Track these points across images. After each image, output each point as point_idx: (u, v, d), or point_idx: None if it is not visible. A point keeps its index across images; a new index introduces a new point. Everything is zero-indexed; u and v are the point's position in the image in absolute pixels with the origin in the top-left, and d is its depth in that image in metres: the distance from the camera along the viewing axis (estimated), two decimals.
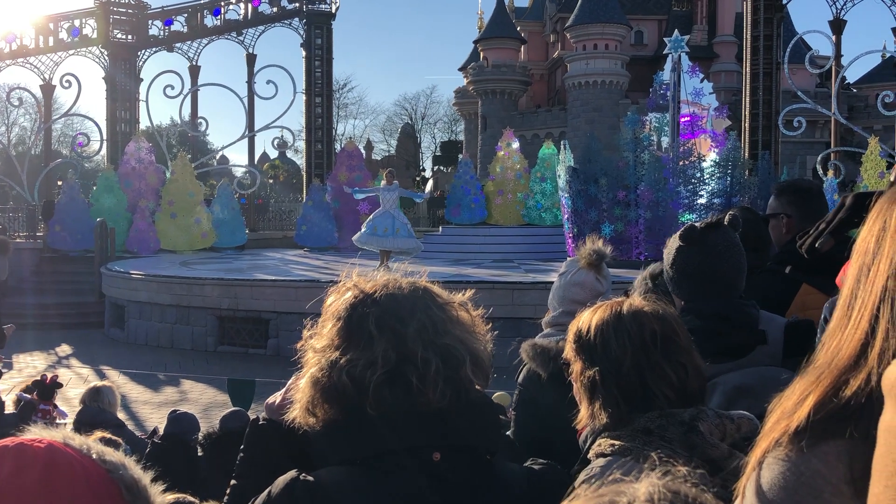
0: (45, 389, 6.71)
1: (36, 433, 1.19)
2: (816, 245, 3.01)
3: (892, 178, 1.57)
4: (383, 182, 18.03)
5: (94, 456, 1.18)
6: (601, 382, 1.95)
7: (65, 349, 17.71)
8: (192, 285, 17.50)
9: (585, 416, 2.00)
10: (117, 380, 13.41)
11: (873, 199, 1.07)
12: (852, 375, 0.93)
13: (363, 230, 17.52)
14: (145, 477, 1.23)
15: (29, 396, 6.56)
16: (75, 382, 13.82)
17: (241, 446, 2.06)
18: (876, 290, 0.94)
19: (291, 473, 1.62)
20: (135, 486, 1.18)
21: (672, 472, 0.98)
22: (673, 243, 2.79)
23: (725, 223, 2.72)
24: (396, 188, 17.73)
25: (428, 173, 77.48)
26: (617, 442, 1.90)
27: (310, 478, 1.60)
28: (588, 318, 2.03)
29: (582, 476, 1.88)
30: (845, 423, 0.92)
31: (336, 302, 1.74)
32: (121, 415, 7.66)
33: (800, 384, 1.00)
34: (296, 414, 1.70)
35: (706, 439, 1.84)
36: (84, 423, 6.19)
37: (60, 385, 7.09)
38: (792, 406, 0.98)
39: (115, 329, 19.11)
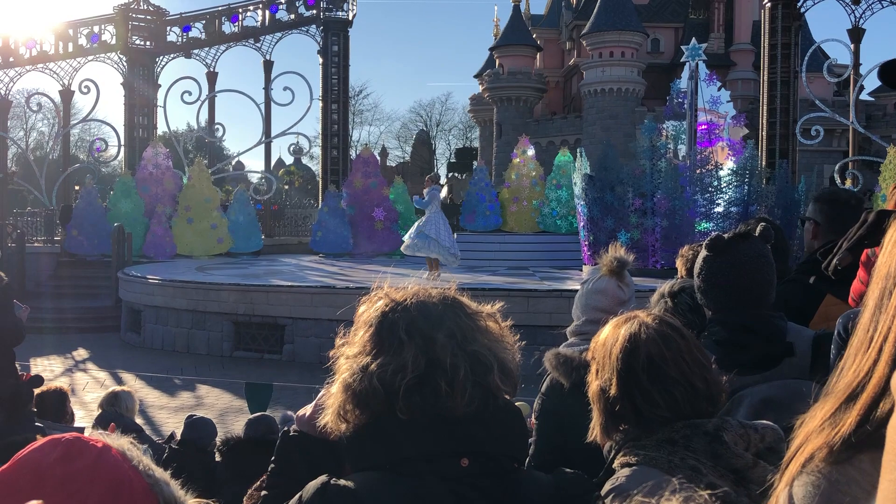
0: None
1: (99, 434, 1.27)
2: (836, 262, 3.00)
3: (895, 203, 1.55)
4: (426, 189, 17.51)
5: (140, 468, 1.23)
6: (598, 398, 2.00)
7: (82, 353, 17.81)
8: (208, 290, 17.56)
9: (593, 425, 2.04)
10: (134, 384, 13.47)
11: (891, 218, 1.07)
12: (883, 400, 0.93)
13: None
14: (186, 497, 1.28)
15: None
16: (92, 387, 13.90)
17: (272, 458, 2.08)
18: None
19: (322, 478, 1.65)
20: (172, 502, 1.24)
21: (693, 499, 0.97)
22: (697, 253, 2.78)
23: (756, 234, 2.70)
24: (428, 192, 17.13)
25: (442, 180, 77.55)
26: (642, 452, 1.90)
27: (340, 482, 1.63)
28: (602, 332, 2.07)
29: (607, 486, 1.88)
30: (878, 438, 0.91)
31: (368, 310, 1.77)
32: (137, 419, 7.69)
33: (822, 407, 1.00)
34: (327, 419, 1.73)
35: (730, 449, 1.84)
36: (102, 428, 6.20)
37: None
38: (816, 427, 0.98)
39: (132, 333, 19.20)
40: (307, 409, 2.07)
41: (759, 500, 1.67)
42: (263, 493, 2.03)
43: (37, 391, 6.38)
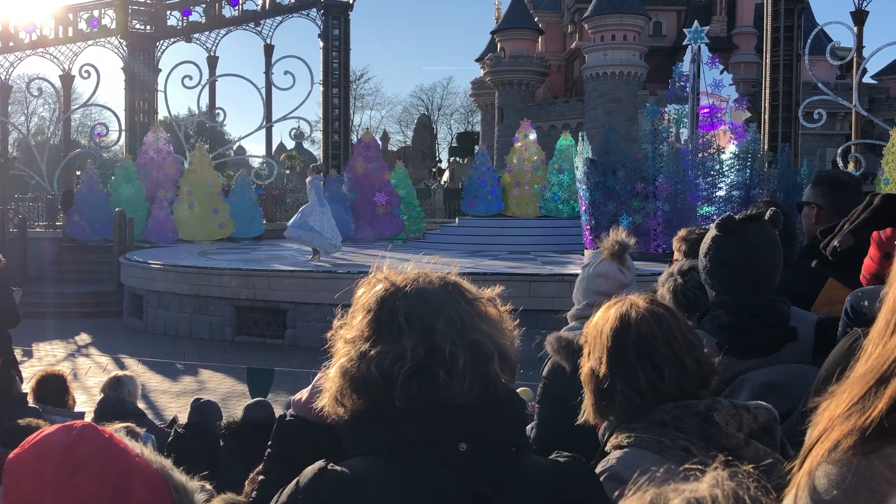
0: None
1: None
2: (836, 243, 2.98)
3: None
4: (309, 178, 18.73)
5: (145, 455, 1.28)
6: (589, 379, 2.03)
7: (84, 338, 17.84)
8: (210, 275, 17.57)
9: (585, 405, 2.07)
10: (136, 369, 13.49)
11: None
12: None
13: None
14: (190, 481, 1.32)
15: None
16: (95, 371, 13.93)
17: (269, 443, 2.07)
18: None
19: (319, 463, 1.64)
20: (182, 489, 1.29)
21: (738, 474, 0.96)
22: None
23: (766, 218, 2.68)
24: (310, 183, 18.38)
25: (444, 164, 77.45)
26: (633, 434, 1.91)
27: (338, 468, 1.62)
28: (594, 316, 2.10)
29: (598, 468, 1.89)
30: None
31: (366, 294, 1.75)
32: (140, 404, 7.70)
33: (849, 391, 0.97)
34: (324, 403, 1.71)
35: (722, 429, 1.85)
36: (105, 413, 6.22)
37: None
38: (843, 412, 0.95)
39: (134, 318, 19.22)
40: (303, 394, 2.07)
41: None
42: (260, 477, 2.02)
43: (37, 376, 6.39)
